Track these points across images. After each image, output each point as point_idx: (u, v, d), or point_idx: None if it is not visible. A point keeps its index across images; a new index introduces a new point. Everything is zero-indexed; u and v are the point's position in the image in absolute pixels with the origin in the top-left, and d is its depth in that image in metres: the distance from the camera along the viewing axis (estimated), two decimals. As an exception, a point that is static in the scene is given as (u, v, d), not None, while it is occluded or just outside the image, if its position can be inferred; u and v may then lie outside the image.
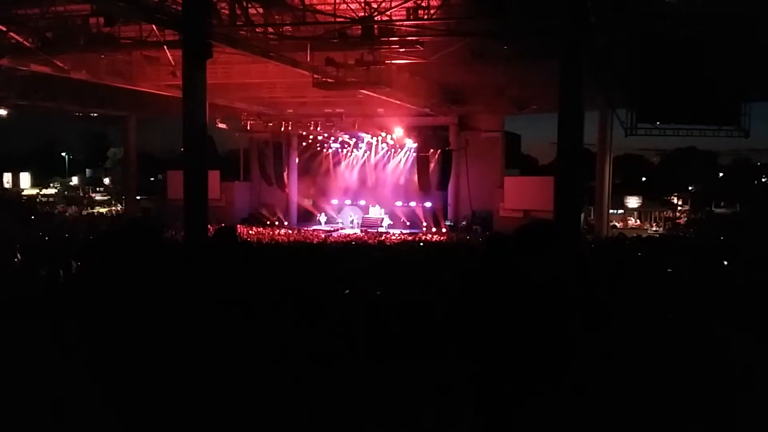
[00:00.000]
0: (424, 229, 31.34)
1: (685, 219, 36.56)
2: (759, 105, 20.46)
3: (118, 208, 39.68)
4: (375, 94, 22.49)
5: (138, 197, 38.01)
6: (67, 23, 16.89)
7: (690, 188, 44.84)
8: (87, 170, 49.88)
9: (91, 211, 40.19)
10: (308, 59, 18.57)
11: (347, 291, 5.09)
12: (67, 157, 48.85)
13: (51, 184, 45.69)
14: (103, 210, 40.65)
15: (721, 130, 17.05)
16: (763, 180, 50.43)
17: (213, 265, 2.90)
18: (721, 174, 52.84)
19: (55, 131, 47.85)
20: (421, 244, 22.13)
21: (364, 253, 13.11)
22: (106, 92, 25.21)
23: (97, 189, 47.77)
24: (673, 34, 15.17)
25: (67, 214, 37.47)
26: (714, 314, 2.97)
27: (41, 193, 43.43)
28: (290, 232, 28.95)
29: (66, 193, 44.66)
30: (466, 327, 2.45)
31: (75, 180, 48.08)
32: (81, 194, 45.61)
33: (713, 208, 39.22)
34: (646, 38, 15.34)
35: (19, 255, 11.31)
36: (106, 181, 47.13)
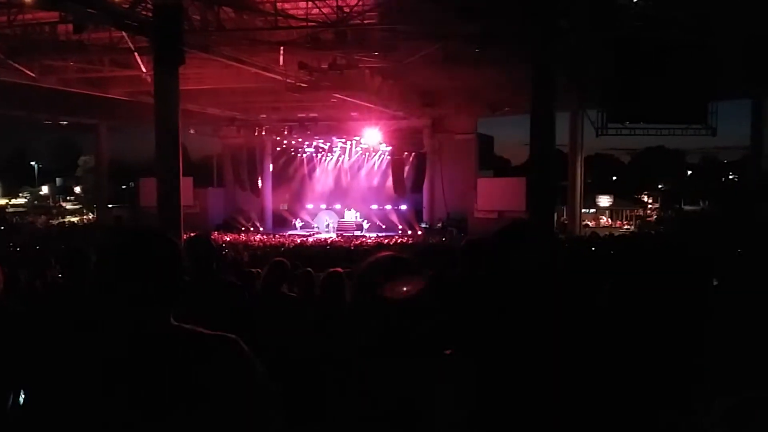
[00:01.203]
0: (400, 232, 31.46)
1: (655, 217, 37.19)
2: (725, 104, 21.02)
3: (90, 217, 39.18)
4: (348, 98, 22.55)
5: (110, 205, 37.59)
6: (36, 30, 16.70)
7: (660, 186, 45.59)
8: (57, 179, 49.15)
9: (62, 220, 39.63)
10: (281, 64, 18.59)
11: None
12: (36, 166, 48.11)
13: (20, 194, 44.97)
14: (75, 219, 40.11)
15: (690, 129, 17.43)
16: (730, 177, 51.44)
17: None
18: (689, 172, 53.82)
19: (24, 140, 47.09)
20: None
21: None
22: (77, 100, 24.91)
23: (68, 198, 47.11)
24: (642, 37, 15.48)
25: (37, 224, 36.93)
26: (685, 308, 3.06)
27: (10, 203, 42.73)
28: (265, 238, 28.84)
29: (36, 202, 44.00)
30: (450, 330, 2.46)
31: (45, 189, 47.37)
32: (51, 203, 44.95)
33: (682, 206, 39.95)
34: (616, 41, 15.63)
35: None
36: (77, 189, 46.47)
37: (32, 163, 48.09)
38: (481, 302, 2.54)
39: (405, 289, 2.23)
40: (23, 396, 1.92)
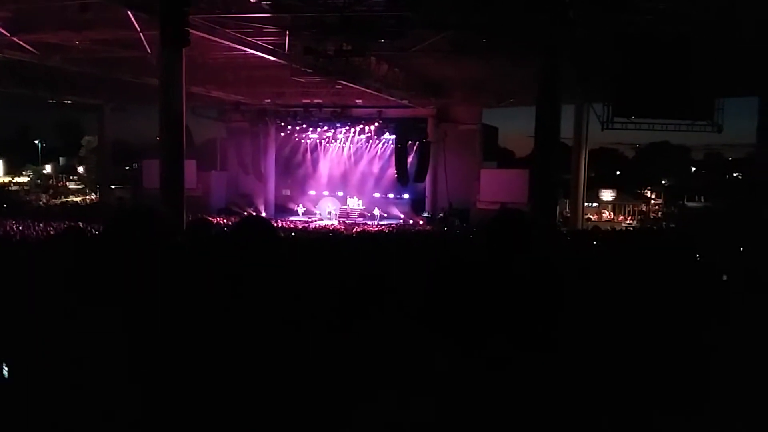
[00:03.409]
0: (401, 220, 31.45)
1: (659, 212, 37.08)
2: (732, 101, 20.87)
3: (93, 197, 39.16)
4: (353, 85, 22.45)
5: (113, 186, 37.55)
6: (42, 7, 16.61)
7: (663, 182, 45.42)
8: (61, 158, 49.07)
9: (65, 199, 39.62)
10: (286, 49, 18.48)
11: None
12: (40, 144, 48.02)
13: (24, 173, 44.93)
14: (77, 199, 40.09)
15: (696, 125, 17.34)
16: (735, 174, 51.23)
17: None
18: (693, 168, 53.62)
19: (28, 119, 46.96)
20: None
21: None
22: (81, 79, 24.86)
23: (71, 177, 47.06)
24: (651, 31, 15.38)
25: (40, 202, 36.94)
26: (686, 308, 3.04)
27: (14, 181, 42.71)
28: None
29: (39, 181, 43.95)
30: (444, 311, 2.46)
31: (48, 168, 47.31)
32: (54, 182, 44.91)
33: (686, 202, 39.80)
34: (624, 34, 15.53)
35: None
36: (80, 169, 46.40)
37: (36, 141, 47.99)
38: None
39: None
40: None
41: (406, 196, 32.78)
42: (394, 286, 2.91)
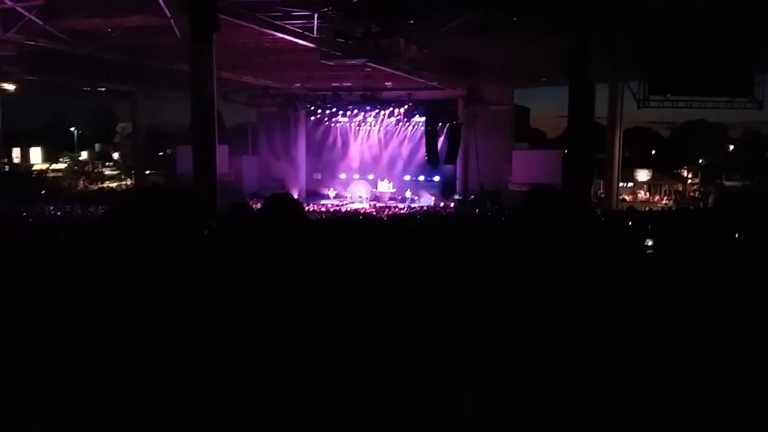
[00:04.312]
0: (432, 203, 31.34)
1: (696, 192, 36.37)
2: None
3: (128, 183, 39.78)
4: (383, 68, 22.31)
5: (147, 172, 38.07)
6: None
7: (700, 161, 44.47)
8: (96, 145, 49.88)
9: (101, 185, 40.33)
10: (315, 32, 18.42)
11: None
12: (76, 132, 48.85)
13: (61, 159, 45.79)
14: (113, 185, 40.78)
15: (735, 102, 16.89)
16: (775, 152, 49.93)
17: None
18: (731, 147, 52.31)
19: (63, 107, 47.75)
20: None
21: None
22: (113, 67, 25.13)
23: (107, 164, 47.87)
24: (687, 6, 14.95)
25: (79, 188, 37.68)
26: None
27: (51, 167, 43.56)
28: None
29: (76, 168, 44.76)
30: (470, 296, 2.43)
31: (84, 155, 48.13)
32: (91, 169, 45.72)
33: (723, 181, 38.94)
34: (659, 9, 15.13)
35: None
36: (116, 155, 47.16)
37: (71, 129, 48.82)
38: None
39: None
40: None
41: (436, 178, 32.62)
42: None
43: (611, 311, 2.38)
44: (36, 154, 43.89)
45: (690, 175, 40.23)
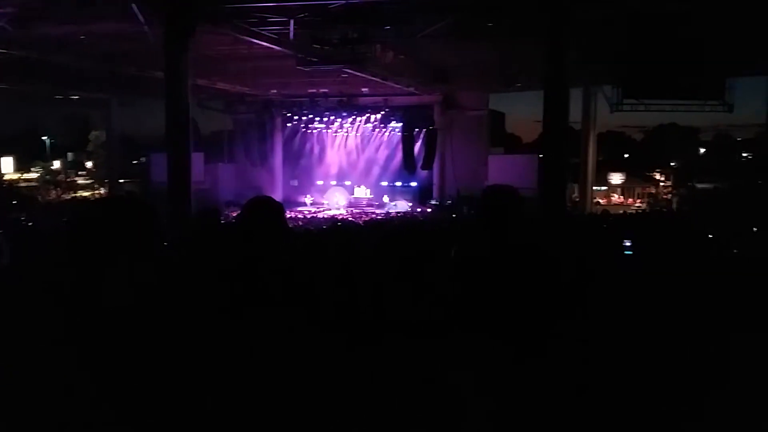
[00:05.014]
0: (409, 208, 31.40)
1: (669, 194, 36.88)
2: (742, 80, 20.65)
3: (101, 192, 39.28)
4: (359, 74, 22.33)
5: (121, 180, 37.63)
6: (46, 2, 16.56)
7: (672, 164, 45.09)
8: (69, 154, 49.12)
9: (74, 195, 39.75)
10: (291, 37, 18.38)
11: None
12: (48, 141, 48.09)
13: (32, 169, 45.02)
14: (87, 194, 40.22)
15: (706, 105, 17.18)
16: (744, 155, 50.80)
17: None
18: (702, 150, 53.15)
19: (36, 115, 46.95)
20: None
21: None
22: (87, 74, 24.82)
23: (79, 173, 47.15)
24: (659, 10, 15.19)
25: (49, 198, 37.09)
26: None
27: (22, 177, 42.82)
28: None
29: (48, 177, 44.06)
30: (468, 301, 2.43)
31: (57, 164, 47.37)
32: (64, 178, 45.03)
33: (695, 184, 39.52)
34: (632, 14, 15.35)
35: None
36: (89, 164, 46.48)
37: (44, 138, 48.06)
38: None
39: None
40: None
41: (413, 184, 32.71)
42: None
43: (601, 313, 2.41)
44: (8, 164, 43.10)
45: (663, 178, 40.77)
